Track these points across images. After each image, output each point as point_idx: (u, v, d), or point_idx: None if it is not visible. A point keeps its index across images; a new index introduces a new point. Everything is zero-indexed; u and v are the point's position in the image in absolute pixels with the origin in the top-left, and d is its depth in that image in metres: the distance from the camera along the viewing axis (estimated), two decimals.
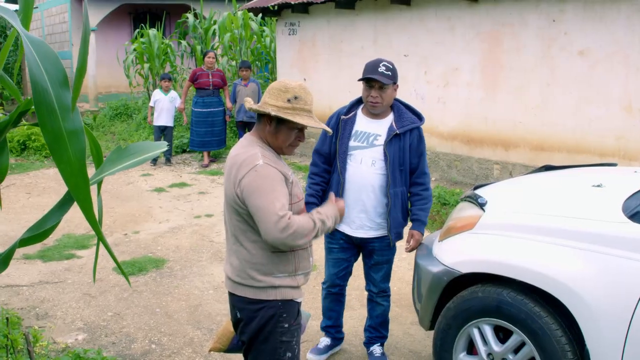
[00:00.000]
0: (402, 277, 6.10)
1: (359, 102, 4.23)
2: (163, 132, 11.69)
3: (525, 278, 3.23)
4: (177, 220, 8.13)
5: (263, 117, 2.95)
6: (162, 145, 2.45)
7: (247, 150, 2.90)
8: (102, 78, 18.88)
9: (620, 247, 2.99)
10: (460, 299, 3.54)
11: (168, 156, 11.83)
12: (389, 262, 4.33)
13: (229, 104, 11.55)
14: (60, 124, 1.78)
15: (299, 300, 3.06)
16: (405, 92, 9.90)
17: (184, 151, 12.53)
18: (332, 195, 3.22)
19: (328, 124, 4.14)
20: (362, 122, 4.15)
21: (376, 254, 4.25)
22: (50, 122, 1.79)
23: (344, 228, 4.20)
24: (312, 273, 4.81)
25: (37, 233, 2.23)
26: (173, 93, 11.76)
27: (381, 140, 4.05)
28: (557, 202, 3.55)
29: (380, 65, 3.97)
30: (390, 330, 4.98)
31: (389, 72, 3.98)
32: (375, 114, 4.11)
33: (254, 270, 2.92)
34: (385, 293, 4.40)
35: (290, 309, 2.99)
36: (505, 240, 3.38)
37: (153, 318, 5.30)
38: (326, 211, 3.01)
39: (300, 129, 2.98)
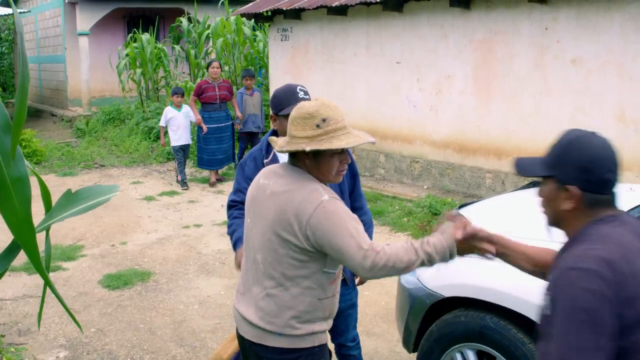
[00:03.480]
0: (390, 290, 6.00)
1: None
2: (184, 151, 10.62)
3: (508, 304, 3.15)
4: (165, 231, 8.04)
5: (297, 152, 2.60)
6: (114, 189, 2.34)
7: (302, 185, 2.56)
8: (96, 82, 18.77)
9: None
10: (443, 323, 3.46)
11: (184, 178, 10.61)
12: (353, 306, 3.77)
13: (239, 113, 10.65)
14: (4, 172, 1.68)
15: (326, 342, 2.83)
16: (397, 100, 9.83)
17: (175, 159, 12.43)
18: (452, 224, 2.52)
19: (242, 171, 3.61)
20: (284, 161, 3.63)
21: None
22: None
23: None
24: None
25: None
26: (186, 107, 10.55)
27: None
28: (543, 224, 3.46)
29: (298, 90, 3.41)
30: (376, 348, 4.91)
31: (308, 96, 3.40)
32: None
33: (294, 318, 2.61)
34: (354, 342, 3.86)
35: (325, 352, 2.77)
36: (488, 264, 3.28)
37: (136, 334, 5.21)
38: (437, 243, 2.47)
39: (341, 151, 2.64)
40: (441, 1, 8.95)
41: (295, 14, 11.35)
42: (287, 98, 3.38)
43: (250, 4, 12.59)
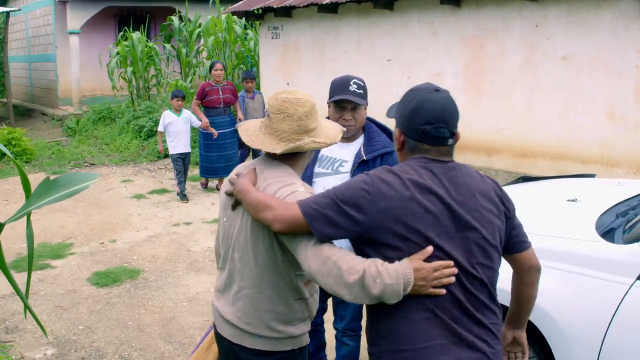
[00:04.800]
0: None
1: None
2: (184, 160, 9.63)
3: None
4: (155, 229, 8.01)
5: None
6: (93, 177, 2.30)
7: (282, 179, 2.50)
8: (87, 81, 18.71)
9: (592, 266, 2.91)
10: None
11: (184, 190, 9.66)
12: None
13: (240, 114, 10.03)
14: None
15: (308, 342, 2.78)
16: (388, 98, 9.78)
17: (166, 156, 12.38)
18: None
19: None
20: (330, 146, 3.74)
21: None
22: None
23: None
24: None
25: None
26: (186, 112, 9.65)
27: (347, 167, 3.58)
28: (530, 219, 3.45)
29: (351, 83, 3.49)
30: (364, 343, 4.88)
31: (361, 91, 3.50)
32: (345, 137, 3.53)
33: (275, 320, 2.54)
34: (353, 332, 3.85)
35: (304, 354, 2.72)
36: None
37: (125, 332, 5.18)
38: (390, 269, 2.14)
39: None
40: None
41: (286, 12, 11.33)
42: (338, 88, 3.49)
43: (241, 2, 12.56)
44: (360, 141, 3.67)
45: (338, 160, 3.63)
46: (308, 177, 3.58)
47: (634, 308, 2.77)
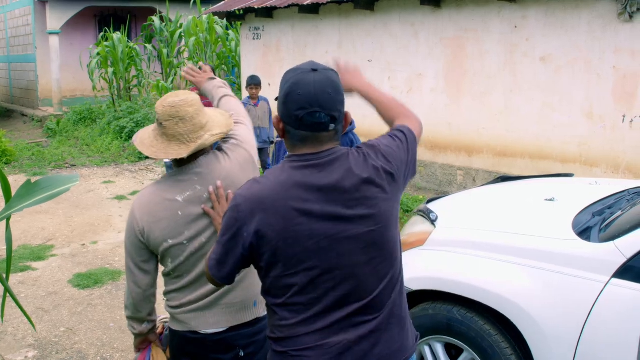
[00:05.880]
0: None
1: None
2: None
3: (474, 296, 3.17)
4: None
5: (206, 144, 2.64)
6: (74, 179, 2.30)
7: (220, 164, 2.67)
8: (67, 82, 18.61)
9: (569, 265, 2.95)
10: (410, 316, 3.47)
11: None
12: None
13: None
14: None
15: None
16: None
17: (147, 158, 12.35)
18: None
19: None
20: None
21: None
22: None
23: None
24: None
25: None
26: None
27: None
28: (508, 218, 3.51)
29: None
30: None
31: None
32: None
33: (258, 295, 2.60)
34: None
35: None
36: (454, 257, 3.32)
37: (106, 333, 5.17)
38: None
39: None
40: None
41: (267, 13, 11.35)
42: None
43: (222, 2, 12.57)
44: None
45: None
46: None
47: (608, 305, 2.81)
